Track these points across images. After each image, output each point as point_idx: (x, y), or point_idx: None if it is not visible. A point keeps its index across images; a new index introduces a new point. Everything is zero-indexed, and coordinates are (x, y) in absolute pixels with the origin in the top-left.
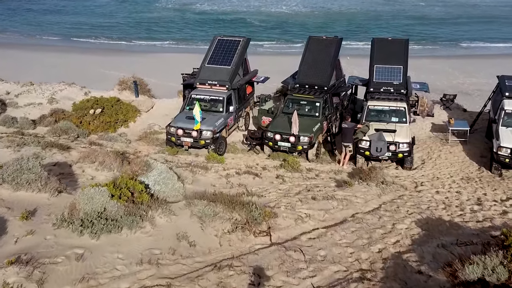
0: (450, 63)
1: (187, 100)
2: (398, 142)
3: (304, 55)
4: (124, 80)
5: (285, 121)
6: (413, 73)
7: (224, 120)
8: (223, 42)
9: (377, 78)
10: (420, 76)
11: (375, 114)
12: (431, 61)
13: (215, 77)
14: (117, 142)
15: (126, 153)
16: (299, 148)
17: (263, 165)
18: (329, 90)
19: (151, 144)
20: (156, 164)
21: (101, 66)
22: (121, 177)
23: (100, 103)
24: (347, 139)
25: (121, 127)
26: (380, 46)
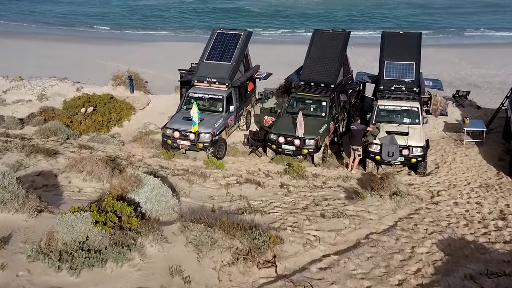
0: (456, 53)
1: (184, 98)
2: (411, 146)
3: (309, 50)
4: (119, 75)
5: (289, 121)
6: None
7: (224, 121)
8: (222, 36)
9: (388, 75)
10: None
11: (386, 114)
12: (437, 51)
13: (214, 74)
14: (110, 144)
15: (118, 158)
16: (305, 151)
17: (266, 170)
18: (336, 88)
19: (145, 146)
20: (148, 179)
21: (97, 56)
22: (106, 200)
23: (92, 101)
24: (356, 142)
25: (115, 126)
26: (390, 40)
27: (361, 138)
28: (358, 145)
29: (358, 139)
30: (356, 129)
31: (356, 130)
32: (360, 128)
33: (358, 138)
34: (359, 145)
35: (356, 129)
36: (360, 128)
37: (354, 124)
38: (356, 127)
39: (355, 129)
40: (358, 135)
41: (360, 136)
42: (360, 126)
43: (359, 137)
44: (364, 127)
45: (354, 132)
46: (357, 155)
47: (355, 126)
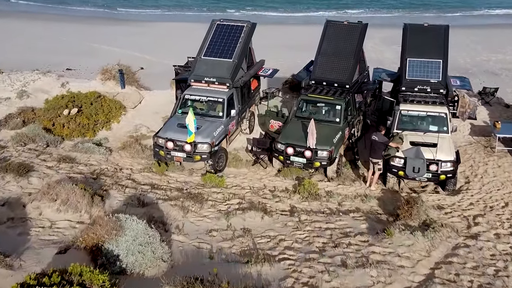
0: (471, 35)
1: (179, 101)
2: (440, 160)
3: (320, 44)
4: (108, 69)
5: (298, 128)
6: None
7: (224, 128)
8: (223, 28)
9: (411, 74)
10: None
11: (409, 121)
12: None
13: (214, 73)
14: (95, 154)
15: (102, 175)
16: (317, 164)
17: (272, 186)
18: (351, 88)
19: (135, 156)
20: (131, 223)
21: (89, 38)
22: (73, 266)
23: (77, 101)
24: (376, 155)
25: (102, 129)
26: (413, 34)
27: (382, 150)
28: (378, 158)
29: (379, 152)
30: (377, 141)
31: (377, 142)
32: (382, 140)
33: (379, 150)
34: (380, 158)
35: (377, 141)
36: (382, 140)
37: (376, 134)
38: (377, 138)
39: (377, 141)
40: (379, 147)
41: (381, 148)
42: (383, 137)
43: (380, 150)
44: (387, 140)
45: (375, 144)
46: (377, 169)
47: (377, 136)
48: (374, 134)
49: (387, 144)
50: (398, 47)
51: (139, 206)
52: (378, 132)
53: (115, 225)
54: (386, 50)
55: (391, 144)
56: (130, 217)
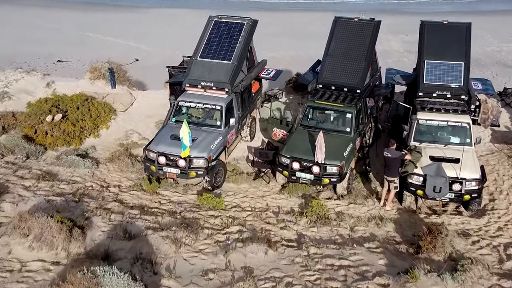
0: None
1: (172, 108)
2: (464, 179)
3: (329, 44)
4: (97, 68)
5: (304, 139)
6: None
7: (222, 139)
8: (221, 26)
9: (429, 78)
10: None
11: (428, 131)
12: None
13: (211, 76)
14: (79, 168)
15: (85, 197)
16: (326, 181)
17: (276, 206)
18: (363, 93)
19: (125, 170)
20: (110, 279)
21: (82, 27)
22: None
23: (62, 104)
24: (391, 172)
25: (90, 136)
26: (432, 33)
27: (398, 167)
28: (394, 176)
29: (394, 169)
30: (391, 157)
31: (391, 158)
32: (396, 155)
33: (394, 167)
34: (396, 176)
35: (391, 157)
36: (396, 155)
37: (388, 150)
38: (390, 154)
39: (390, 157)
40: (394, 164)
41: (397, 165)
42: (396, 153)
43: (396, 167)
44: (401, 155)
45: (389, 160)
46: (394, 187)
47: (389, 152)
48: (385, 150)
49: (402, 159)
50: (405, 37)
51: (125, 239)
52: (389, 147)
53: (90, 284)
54: (393, 40)
55: (407, 157)
56: (110, 269)
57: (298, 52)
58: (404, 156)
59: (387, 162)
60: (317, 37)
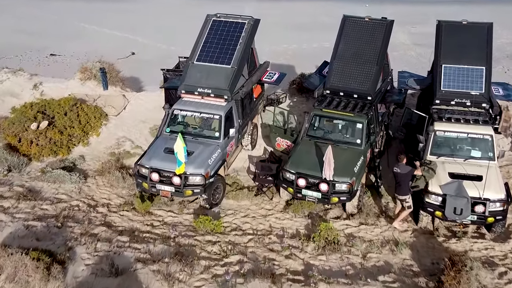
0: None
1: (167, 117)
2: (488, 199)
3: (337, 45)
4: (88, 68)
5: (311, 152)
6: None
7: (221, 152)
8: (220, 25)
9: (447, 84)
10: None
11: (446, 144)
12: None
13: (209, 82)
14: (65, 183)
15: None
16: (334, 200)
17: (280, 228)
18: (374, 100)
19: (115, 185)
20: None
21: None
22: None
23: (49, 110)
24: (402, 190)
25: (78, 145)
26: (450, 34)
27: (408, 184)
28: (405, 194)
29: (405, 187)
30: (401, 173)
31: (401, 174)
32: (406, 171)
33: (405, 184)
34: (407, 194)
35: (400, 173)
36: (406, 171)
37: (397, 166)
38: (400, 169)
39: (400, 173)
40: (404, 181)
41: (407, 182)
42: (405, 168)
43: (406, 184)
44: (411, 170)
45: (399, 177)
46: (407, 207)
47: (399, 168)
48: (395, 166)
49: (413, 174)
50: (412, 28)
51: (111, 275)
52: (398, 162)
53: None
54: (399, 31)
55: (417, 172)
56: None
57: (301, 45)
58: (415, 170)
59: (397, 178)
60: (321, 28)
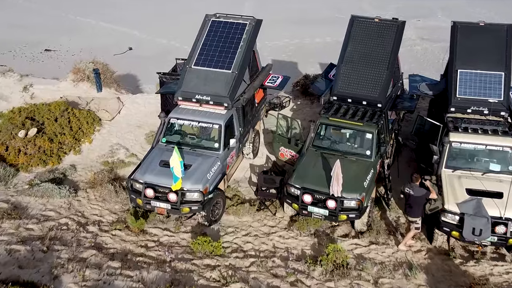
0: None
1: (163, 126)
2: (509, 219)
3: (344, 48)
4: (81, 68)
5: (317, 165)
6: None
7: (221, 165)
8: (219, 27)
9: (463, 91)
10: None
11: (462, 156)
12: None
13: (207, 88)
14: (54, 197)
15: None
16: (343, 218)
17: (285, 248)
18: (385, 107)
19: (108, 199)
20: None
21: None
22: None
23: (38, 116)
24: (413, 212)
25: (70, 153)
26: (466, 36)
27: (422, 207)
28: (416, 216)
29: (417, 209)
30: (415, 195)
31: (414, 196)
32: (420, 193)
33: (417, 207)
34: (418, 216)
35: (414, 195)
36: (420, 193)
37: (410, 187)
38: (413, 191)
39: (413, 195)
40: (417, 203)
41: (420, 204)
42: (421, 190)
43: (419, 206)
44: (426, 193)
45: (411, 199)
46: (415, 228)
47: (412, 190)
48: (408, 185)
49: (427, 198)
50: (417, 22)
51: None
52: (412, 182)
53: None
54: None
55: (432, 196)
56: None
57: (303, 40)
58: (430, 194)
59: (408, 200)
60: (323, 22)
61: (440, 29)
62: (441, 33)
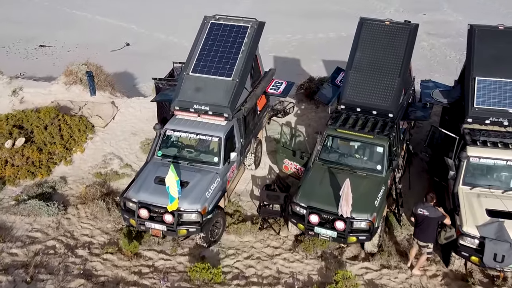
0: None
1: (158, 138)
2: None
3: (353, 53)
4: (73, 71)
5: (324, 181)
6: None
7: (221, 181)
8: (219, 30)
9: (481, 101)
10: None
11: (481, 172)
12: None
13: (206, 98)
14: (41, 216)
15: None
16: (352, 240)
17: (289, 273)
18: (396, 117)
19: (99, 217)
20: None
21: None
22: None
23: (27, 124)
24: (425, 236)
25: (60, 163)
26: (484, 41)
27: (435, 230)
28: (429, 241)
29: (430, 232)
30: (430, 216)
31: (429, 218)
32: (435, 215)
33: (430, 230)
34: (432, 240)
35: (428, 216)
36: (435, 215)
37: (426, 207)
38: (428, 212)
39: (428, 216)
40: (431, 225)
41: (434, 227)
42: (436, 211)
43: (433, 229)
44: (441, 215)
45: (425, 220)
46: (427, 253)
47: (428, 210)
48: (420, 206)
49: (442, 220)
50: (423, 16)
51: None
52: (425, 202)
53: None
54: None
55: (447, 221)
56: None
57: (306, 35)
58: (445, 218)
59: (422, 222)
60: (326, 16)
61: (447, 23)
62: (448, 28)
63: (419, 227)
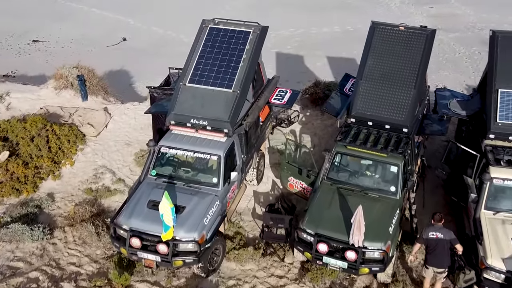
0: None
1: (152, 156)
2: None
3: (364, 61)
4: (63, 75)
5: (333, 204)
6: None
7: (220, 204)
8: (218, 35)
9: (504, 115)
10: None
11: (505, 195)
12: None
13: (204, 111)
14: (25, 241)
15: None
16: (364, 271)
17: None
18: (411, 132)
19: (88, 241)
20: None
21: None
22: None
23: (12, 135)
24: (439, 261)
25: (48, 178)
26: (508, 49)
27: (448, 254)
28: (443, 266)
29: (445, 256)
30: (444, 239)
31: (444, 240)
32: (449, 237)
33: (444, 253)
34: (446, 266)
35: (443, 239)
36: (449, 237)
37: (438, 230)
38: (442, 234)
39: (442, 239)
40: (444, 248)
41: (448, 249)
42: (448, 232)
43: (447, 252)
44: (455, 238)
45: (440, 244)
46: (443, 278)
47: (438, 232)
48: (431, 229)
49: (455, 244)
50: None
51: None
52: (434, 223)
53: None
54: (416, 13)
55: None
56: None
57: (309, 30)
58: (458, 242)
59: (434, 246)
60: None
61: (455, 16)
62: (455, 21)
63: (433, 253)
